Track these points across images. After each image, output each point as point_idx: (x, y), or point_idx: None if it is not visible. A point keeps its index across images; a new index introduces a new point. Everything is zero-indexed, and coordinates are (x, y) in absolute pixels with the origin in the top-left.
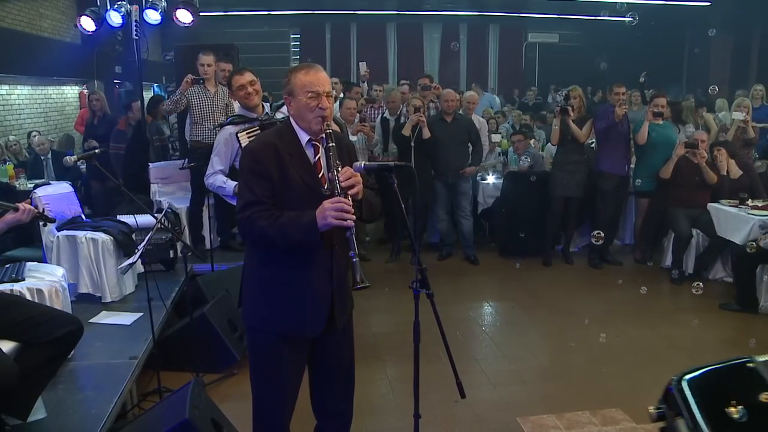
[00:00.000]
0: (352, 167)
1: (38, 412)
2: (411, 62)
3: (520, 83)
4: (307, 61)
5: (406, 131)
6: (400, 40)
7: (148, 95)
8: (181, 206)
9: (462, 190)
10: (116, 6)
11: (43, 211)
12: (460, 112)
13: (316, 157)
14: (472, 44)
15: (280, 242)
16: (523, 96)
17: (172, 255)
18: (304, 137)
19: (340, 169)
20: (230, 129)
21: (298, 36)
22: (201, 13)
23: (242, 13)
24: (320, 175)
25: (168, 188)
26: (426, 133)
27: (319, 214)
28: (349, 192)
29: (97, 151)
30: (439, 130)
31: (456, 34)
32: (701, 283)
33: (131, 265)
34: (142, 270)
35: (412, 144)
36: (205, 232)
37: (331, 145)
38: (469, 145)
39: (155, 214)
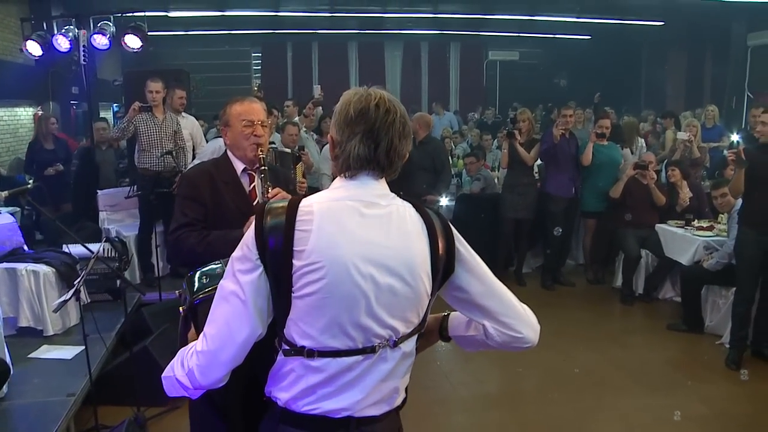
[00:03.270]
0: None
1: None
2: (373, 81)
3: (481, 101)
4: (269, 80)
5: None
6: (362, 58)
7: (107, 115)
8: (130, 234)
9: None
10: (63, 31)
11: None
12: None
13: (251, 186)
14: (433, 63)
15: (208, 259)
16: (482, 115)
17: (119, 284)
18: (239, 166)
19: (271, 190)
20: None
21: (260, 55)
22: (161, 33)
23: (203, 32)
24: (255, 203)
25: (117, 215)
26: None
27: (246, 229)
28: None
29: (29, 186)
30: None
31: (417, 53)
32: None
33: (64, 302)
34: (88, 301)
35: None
36: (154, 260)
37: (263, 168)
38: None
39: (91, 249)
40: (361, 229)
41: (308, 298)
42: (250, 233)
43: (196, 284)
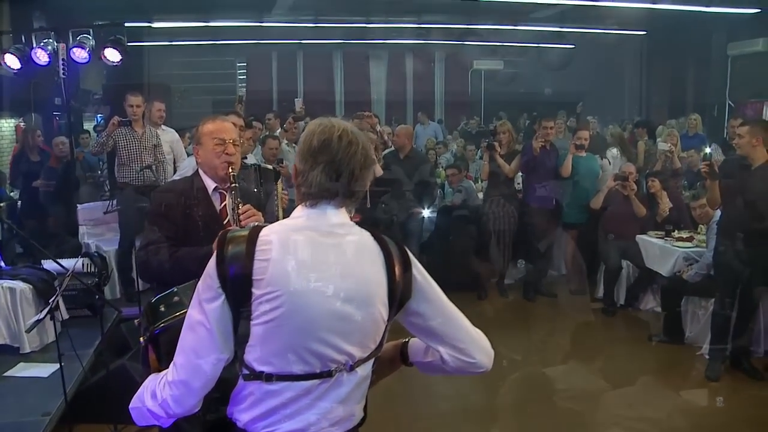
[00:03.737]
0: None
1: None
2: (358, 91)
3: (466, 110)
4: (254, 89)
5: None
6: (347, 68)
7: (92, 125)
8: (110, 248)
9: (409, 229)
10: (42, 44)
11: None
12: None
13: (222, 205)
14: (418, 72)
15: (177, 275)
16: (466, 124)
17: (97, 299)
18: (210, 185)
19: (241, 206)
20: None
21: (245, 65)
22: (145, 43)
23: (187, 42)
24: (225, 222)
25: (97, 230)
26: (377, 171)
27: (215, 246)
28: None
29: (2, 204)
30: (392, 167)
31: (402, 63)
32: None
33: (38, 322)
34: (67, 317)
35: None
36: (135, 275)
37: (234, 185)
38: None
39: (65, 266)
40: (318, 259)
41: (266, 325)
42: (212, 262)
43: (155, 314)
